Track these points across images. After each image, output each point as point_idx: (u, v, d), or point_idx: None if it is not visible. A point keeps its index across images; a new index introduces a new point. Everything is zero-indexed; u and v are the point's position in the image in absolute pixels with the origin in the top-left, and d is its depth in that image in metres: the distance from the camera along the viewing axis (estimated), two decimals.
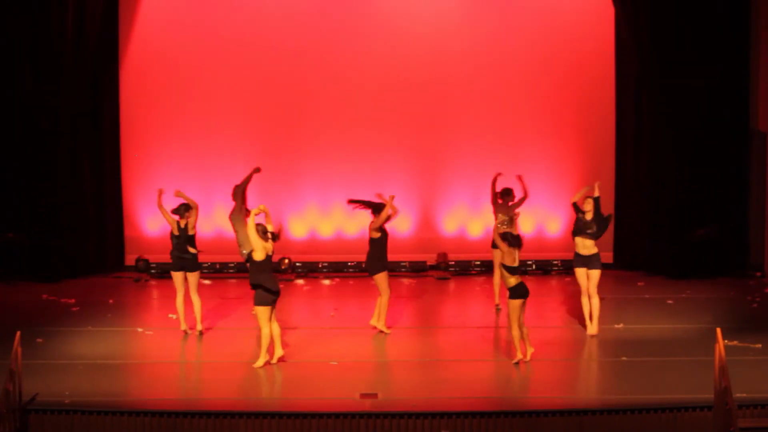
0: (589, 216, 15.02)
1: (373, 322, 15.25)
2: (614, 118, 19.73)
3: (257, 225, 13.73)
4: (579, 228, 15.05)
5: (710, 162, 18.97)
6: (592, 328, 15.07)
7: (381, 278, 15.15)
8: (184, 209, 15.19)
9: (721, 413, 11.85)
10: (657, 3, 18.67)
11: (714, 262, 19.00)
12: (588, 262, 15.03)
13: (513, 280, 13.75)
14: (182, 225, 15.15)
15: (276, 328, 13.89)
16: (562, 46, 19.54)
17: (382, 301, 15.19)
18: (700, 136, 18.87)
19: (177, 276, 15.23)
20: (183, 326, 15.31)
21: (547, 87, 19.63)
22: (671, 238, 19.01)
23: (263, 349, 13.82)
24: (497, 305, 16.47)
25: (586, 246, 15.01)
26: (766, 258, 18.93)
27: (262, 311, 13.77)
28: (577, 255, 15.10)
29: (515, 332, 13.77)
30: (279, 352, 13.92)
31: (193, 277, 15.18)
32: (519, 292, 13.76)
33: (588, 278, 15.01)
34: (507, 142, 19.72)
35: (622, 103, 19.64)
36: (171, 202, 15.39)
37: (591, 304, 15.06)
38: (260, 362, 13.78)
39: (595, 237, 14.98)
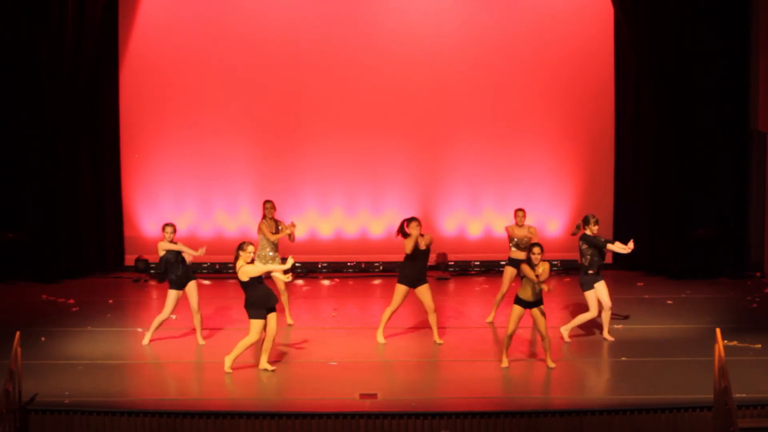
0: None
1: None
2: (614, 118, 19.73)
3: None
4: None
5: (710, 162, 18.97)
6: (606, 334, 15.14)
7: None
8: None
9: (721, 413, 11.86)
10: (657, 3, 18.68)
11: (714, 262, 19.00)
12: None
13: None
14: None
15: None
16: (561, 47, 19.54)
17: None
18: (700, 136, 18.87)
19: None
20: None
21: (546, 87, 19.63)
22: (671, 238, 19.01)
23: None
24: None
25: None
26: (766, 258, 18.93)
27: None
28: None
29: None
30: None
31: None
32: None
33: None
34: (507, 141, 19.72)
35: (622, 103, 19.65)
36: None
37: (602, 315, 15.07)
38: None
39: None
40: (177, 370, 14.15)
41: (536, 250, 13.54)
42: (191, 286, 14.88)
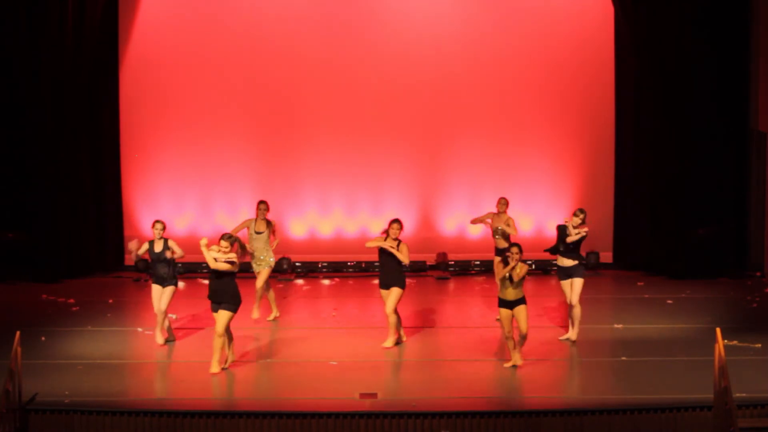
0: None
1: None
2: (614, 118, 19.74)
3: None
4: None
5: (710, 162, 18.98)
6: (573, 333, 15.01)
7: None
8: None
9: (721, 413, 11.86)
10: (657, 3, 18.68)
11: (714, 262, 19.01)
12: (572, 273, 14.94)
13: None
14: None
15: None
16: (561, 47, 19.54)
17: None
18: (700, 136, 18.88)
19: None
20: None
21: (546, 87, 19.63)
22: (671, 238, 19.01)
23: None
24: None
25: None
26: (766, 258, 18.93)
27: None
28: (560, 268, 15.01)
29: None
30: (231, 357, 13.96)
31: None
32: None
33: (571, 288, 14.88)
34: (506, 141, 19.73)
35: (622, 103, 19.65)
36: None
37: (572, 312, 14.96)
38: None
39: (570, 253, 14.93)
40: (177, 370, 14.15)
41: (514, 250, 13.53)
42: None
